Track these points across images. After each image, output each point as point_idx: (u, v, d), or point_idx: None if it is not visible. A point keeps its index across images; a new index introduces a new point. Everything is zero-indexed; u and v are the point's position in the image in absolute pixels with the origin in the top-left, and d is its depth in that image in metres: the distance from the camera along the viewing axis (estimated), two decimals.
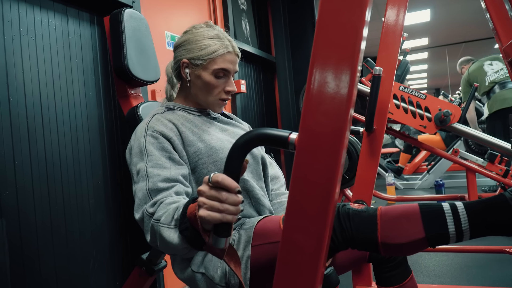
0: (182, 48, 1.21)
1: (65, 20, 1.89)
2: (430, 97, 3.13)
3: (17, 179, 1.62)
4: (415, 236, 0.89)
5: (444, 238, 0.89)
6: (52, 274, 1.74)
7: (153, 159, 1.05)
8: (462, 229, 0.87)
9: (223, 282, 1.05)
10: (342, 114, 0.69)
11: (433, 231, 0.89)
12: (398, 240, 0.89)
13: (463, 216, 0.87)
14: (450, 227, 0.88)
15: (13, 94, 1.62)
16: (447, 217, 0.88)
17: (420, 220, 0.90)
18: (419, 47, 9.38)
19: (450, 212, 0.88)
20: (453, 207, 0.89)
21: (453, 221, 0.87)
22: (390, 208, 0.94)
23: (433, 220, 0.90)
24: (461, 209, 0.88)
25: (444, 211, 0.89)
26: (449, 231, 0.87)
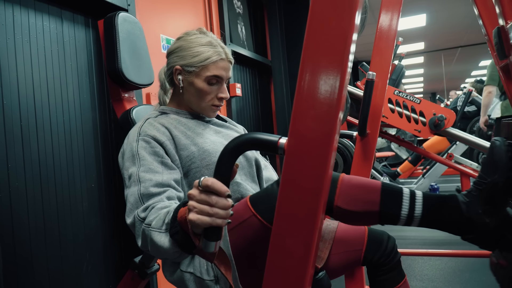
0: (175, 54, 1.22)
1: (60, 23, 1.89)
2: (425, 102, 3.15)
3: (10, 182, 1.61)
4: (369, 208, 0.95)
5: (394, 218, 0.95)
6: (45, 276, 1.73)
7: (145, 164, 1.05)
8: (414, 215, 0.93)
9: (212, 276, 1.05)
10: (331, 119, 0.70)
11: (387, 208, 0.94)
12: (352, 207, 0.94)
13: (419, 204, 0.93)
14: (404, 210, 0.93)
15: (6, 96, 1.62)
16: (404, 200, 0.94)
17: (379, 195, 0.95)
18: (415, 51, 9.42)
19: (408, 197, 0.94)
20: (412, 194, 0.95)
21: (408, 206, 0.93)
22: (355, 177, 0.99)
23: (390, 199, 0.95)
24: (419, 197, 0.94)
25: (403, 194, 0.95)
26: (401, 213, 0.93)
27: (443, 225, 0.93)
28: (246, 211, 1.01)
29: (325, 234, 1.26)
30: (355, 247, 1.25)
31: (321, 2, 0.69)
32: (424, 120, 3.11)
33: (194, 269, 1.07)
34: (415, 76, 13.43)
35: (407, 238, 3.13)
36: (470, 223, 0.89)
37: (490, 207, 0.86)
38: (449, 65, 11.24)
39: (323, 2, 0.69)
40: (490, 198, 0.86)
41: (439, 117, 3.05)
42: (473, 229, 0.89)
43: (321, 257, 1.22)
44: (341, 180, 0.95)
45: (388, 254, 1.25)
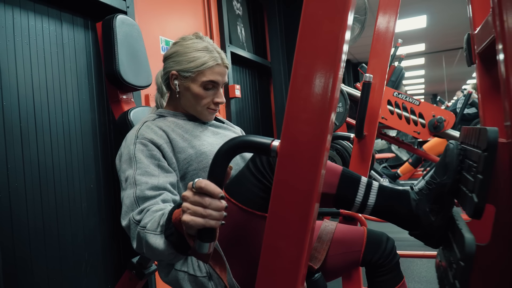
0: (171, 60, 1.23)
1: (59, 25, 1.90)
2: (424, 103, 3.16)
3: (10, 182, 1.62)
4: (326, 190, 1.00)
5: (348, 203, 1.01)
6: (45, 276, 1.74)
7: (141, 167, 1.06)
8: (367, 203, 0.99)
9: (204, 272, 1.06)
10: (323, 122, 0.71)
11: (343, 193, 1.00)
12: None
13: (373, 194, 0.99)
14: (358, 197, 0.99)
15: (6, 98, 1.63)
16: (360, 188, 1.00)
17: (337, 179, 1.00)
18: (416, 53, 9.42)
19: (364, 186, 1.00)
20: (369, 183, 1.00)
21: (363, 194, 0.99)
22: None
23: (348, 184, 1.00)
24: (375, 188, 1.00)
25: (360, 182, 1.00)
26: (355, 199, 0.99)
27: (392, 218, 0.98)
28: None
29: (323, 235, 1.27)
30: (353, 248, 1.26)
31: (313, 5, 0.70)
32: (424, 122, 3.12)
33: (187, 267, 1.08)
34: (416, 77, 13.42)
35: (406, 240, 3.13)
36: (417, 220, 0.94)
37: (437, 206, 0.90)
38: (450, 66, 11.23)
39: (315, 4, 0.70)
40: (438, 198, 0.90)
41: (438, 119, 3.06)
42: (419, 225, 0.94)
43: (318, 258, 1.22)
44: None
45: (387, 255, 1.26)
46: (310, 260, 1.21)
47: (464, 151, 0.83)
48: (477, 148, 0.72)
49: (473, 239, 0.69)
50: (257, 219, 1.00)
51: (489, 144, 0.67)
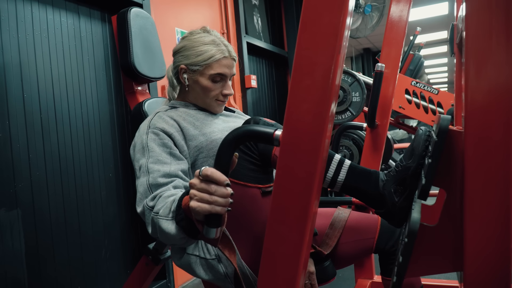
0: (180, 54, 1.26)
1: (77, 19, 1.96)
2: (443, 92, 3.11)
3: (31, 172, 1.70)
4: None
5: None
6: (66, 261, 1.82)
7: (154, 155, 1.10)
8: (337, 180, 1.02)
9: (213, 255, 1.10)
10: (323, 112, 0.72)
11: None
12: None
13: (344, 171, 1.03)
14: (329, 173, 1.03)
15: (27, 90, 1.70)
16: (331, 164, 1.03)
17: None
18: (438, 40, 9.22)
19: (336, 163, 1.03)
20: (341, 161, 1.03)
21: (334, 170, 1.02)
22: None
23: None
24: (346, 165, 1.03)
25: (332, 159, 1.04)
26: (326, 175, 1.03)
27: (360, 196, 1.02)
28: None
29: (335, 222, 1.28)
30: (367, 236, 1.27)
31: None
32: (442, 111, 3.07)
33: (198, 251, 1.12)
34: (439, 65, 13.16)
35: None
36: (382, 199, 0.97)
37: (401, 188, 0.94)
38: None
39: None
40: (403, 180, 0.93)
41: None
42: (384, 205, 0.97)
43: (329, 244, 1.24)
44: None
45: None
46: (321, 246, 1.23)
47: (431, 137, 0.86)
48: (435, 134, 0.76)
49: (418, 218, 0.74)
50: (251, 192, 1.06)
51: (440, 131, 0.71)
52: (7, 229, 1.59)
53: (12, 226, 1.61)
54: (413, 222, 0.73)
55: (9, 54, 1.64)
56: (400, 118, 3.58)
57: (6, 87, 1.62)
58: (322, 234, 1.25)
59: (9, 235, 1.60)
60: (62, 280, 1.79)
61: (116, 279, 2.08)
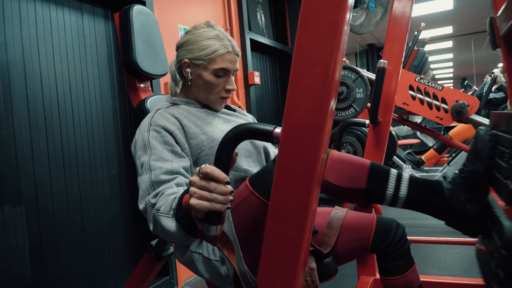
0: (183, 48, 1.26)
1: (80, 16, 1.96)
2: (447, 88, 3.09)
3: (35, 169, 1.71)
4: (356, 185, 0.99)
5: (380, 197, 0.99)
6: (69, 258, 1.83)
7: (155, 153, 1.10)
8: (399, 195, 0.97)
9: (217, 257, 1.10)
10: (322, 110, 0.72)
11: (372, 187, 0.98)
12: (340, 183, 0.99)
13: (404, 186, 0.97)
14: (389, 189, 0.97)
15: (30, 88, 1.71)
16: (390, 180, 0.98)
17: (366, 174, 0.99)
18: (443, 35, 9.16)
19: (394, 178, 0.98)
20: (399, 175, 0.98)
21: (394, 186, 0.97)
22: (344, 154, 1.03)
23: (377, 178, 0.99)
24: (405, 179, 0.98)
25: (390, 175, 0.98)
26: (386, 192, 0.97)
27: (426, 209, 0.97)
28: (245, 190, 1.05)
29: (333, 222, 1.29)
30: (363, 235, 1.27)
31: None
32: (446, 107, 3.05)
33: (202, 250, 1.12)
34: (444, 61, 13.07)
35: (427, 226, 3.11)
36: (453, 210, 0.92)
37: (472, 194, 0.89)
38: (479, 49, 10.88)
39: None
40: (472, 186, 0.88)
41: (461, 104, 2.98)
42: (455, 215, 0.92)
43: (328, 243, 1.24)
44: (331, 156, 0.99)
45: (397, 242, 1.27)
46: (321, 245, 1.23)
47: (495, 137, 0.81)
48: (509, 133, 0.70)
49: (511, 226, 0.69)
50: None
51: None
52: (11, 226, 1.61)
53: (16, 222, 1.62)
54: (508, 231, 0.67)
55: (13, 52, 1.65)
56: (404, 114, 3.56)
57: (10, 85, 1.63)
58: (321, 234, 1.26)
59: (13, 232, 1.61)
60: (65, 277, 1.81)
61: (120, 275, 2.09)
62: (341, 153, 1.02)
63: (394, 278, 1.29)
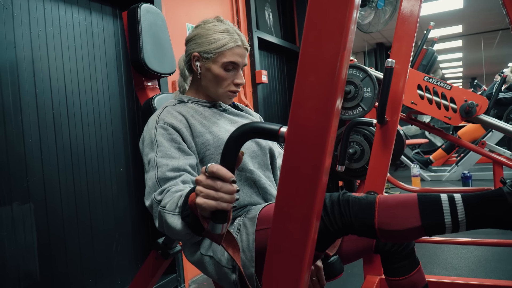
0: (193, 42, 1.26)
1: (89, 15, 1.97)
2: (456, 88, 3.06)
3: (43, 167, 1.72)
4: (411, 224, 0.93)
5: (440, 227, 0.93)
6: (77, 255, 1.85)
7: (162, 150, 1.11)
8: (458, 220, 0.90)
9: (230, 265, 1.10)
10: (329, 109, 0.72)
11: (429, 220, 0.92)
12: (395, 227, 0.94)
13: (460, 208, 0.91)
14: (447, 217, 0.91)
15: (39, 86, 1.72)
16: (443, 207, 0.92)
17: (417, 209, 0.94)
18: (453, 34, 9.09)
19: (447, 203, 0.92)
20: (451, 198, 0.92)
21: (450, 212, 0.91)
22: (390, 197, 0.98)
23: (429, 210, 0.93)
24: (459, 200, 0.91)
25: (441, 201, 0.92)
26: (445, 221, 0.91)
27: (492, 222, 0.90)
28: None
29: None
30: None
31: None
32: (455, 107, 3.03)
33: (213, 253, 1.12)
34: (454, 60, 12.97)
35: None
36: None
37: None
38: (489, 49, 10.78)
39: None
40: None
41: (469, 104, 2.96)
42: None
43: (334, 244, 1.24)
44: (378, 203, 0.95)
45: (401, 243, 1.26)
46: None
47: None
48: None
49: None
50: None
51: None
52: (20, 223, 1.62)
53: (25, 220, 1.64)
54: None
55: (22, 50, 1.66)
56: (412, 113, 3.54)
57: (19, 83, 1.65)
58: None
59: (21, 229, 1.63)
60: (73, 274, 1.82)
61: (127, 273, 2.11)
62: (385, 196, 0.98)
63: (398, 278, 1.29)
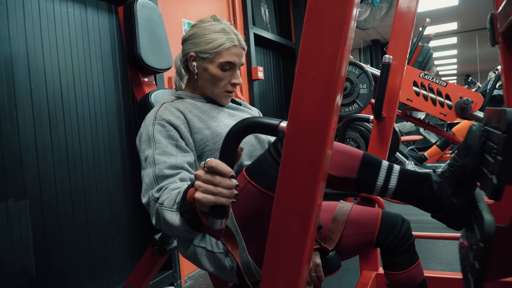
0: (189, 41, 1.25)
1: (84, 10, 1.96)
2: (452, 85, 3.07)
3: (39, 163, 1.71)
4: (348, 174, 1.03)
5: (370, 187, 1.02)
6: (73, 252, 1.84)
7: (160, 147, 1.10)
8: (388, 187, 1.00)
9: (221, 249, 1.10)
10: (329, 104, 0.72)
11: (363, 177, 1.02)
12: (333, 172, 1.03)
13: (394, 177, 1.00)
14: (379, 180, 1.00)
15: (34, 81, 1.71)
16: (380, 171, 1.01)
17: (358, 163, 1.02)
18: (447, 32, 9.11)
19: (385, 169, 1.01)
20: (390, 167, 1.01)
21: (384, 177, 1.00)
22: (339, 144, 1.06)
23: (368, 169, 1.02)
24: (396, 171, 1.00)
25: (381, 166, 1.01)
26: (376, 183, 1.00)
27: (414, 201, 0.99)
28: (242, 180, 1.05)
29: (338, 216, 1.29)
30: (368, 230, 1.27)
31: None
32: (450, 103, 3.04)
33: (205, 243, 1.12)
34: (448, 57, 13.02)
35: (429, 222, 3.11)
36: (440, 203, 0.94)
37: (459, 189, 0.90)
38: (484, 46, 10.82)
39: None
40: (460, 181, 0.89)
41: (465, 100, 2.97)
42: (441, 208, 0.94)
43: (332, 239, 1.24)
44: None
45: (402, 237, 1.27)
46: (325, 241, 1.23)
47: (486, 133, 0.82)
48: (498, 129, 0.70)
49: (492, 220, 0.70)
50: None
51: (508, 125, 0.65)
52: (15, 219, 1.61)
53: (20, 216, 1.63)
54: (488, 224, 0.69)
55: (16, 45, 1.65)
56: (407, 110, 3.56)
57: (14, 79, 1.63)
58: (326, 228, 1.26)
59: (17, 225, 1.62)
60: (69, 270, 1.81)
61: (123, 269, 2.10)
62: (336, 143, 1.04)
63: (398, 272, 1.30)
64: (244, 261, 1.08)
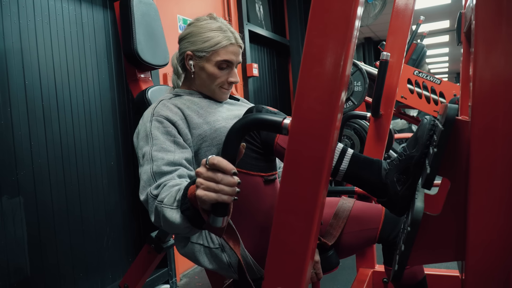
0: (186, 40, 1.24)
1: (78, 5, 1.93)
2: (446, 82, 3.09)
3: (33, 159, 1.69)
4: None
5: None
6: (68, 249, 1.82)
7: (157, 143, 1.09)
8: (340, 168, 1.03)
9: (217, 244, 1.10)
10: (333, 101, 0.71)
11: None
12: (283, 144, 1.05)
13: (346, 160, 1.03)
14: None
15: (28, 77, 1.68)
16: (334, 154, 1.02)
17: None
18: (440, 30, 9.16)
19: (339, 151, 1.03)
20: (344, 150, 1.04)
21: (337, 159, 1.03)
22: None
23: None
24: (349, 154, 1.03)
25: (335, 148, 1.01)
26: None
27: (362, 185, 1.03)
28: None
29: (339, 212, 1.28)
30: (370, 226, 1.27)
31: None
32: (444, 101, 3.05)
33: (202, 240, 1.12)
34: (440, 55, 13.10)
35: None
36: (385, 188, 0.97)
37: (404, 177, 0.93)
38: None
39: None
40: (406, 169, 0.92)
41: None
42: (386, 193, 0.97)
43: (333, 234, 1.24)
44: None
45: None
46: (325, 236, 1.23)
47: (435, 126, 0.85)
48: (440, 123, 0.74)
49: (421, 208, 0.74)
50: (253, 180, 1.06)
51: (446, 120, 0.69)
52: (9, 217, 1.59)
53: (14, 213, 1.61)
54: (417, 211, 0.73)
55: (10, 40, 1.62)
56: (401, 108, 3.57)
57: (8, 74, 1.61)
58: (326, 224, 1.25)
59: (11, 223, 1.60)
60: (64, 268, 1.80)
61: (118, 267, 2.09)
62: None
63: None
64: (243, 256, 1.07)
